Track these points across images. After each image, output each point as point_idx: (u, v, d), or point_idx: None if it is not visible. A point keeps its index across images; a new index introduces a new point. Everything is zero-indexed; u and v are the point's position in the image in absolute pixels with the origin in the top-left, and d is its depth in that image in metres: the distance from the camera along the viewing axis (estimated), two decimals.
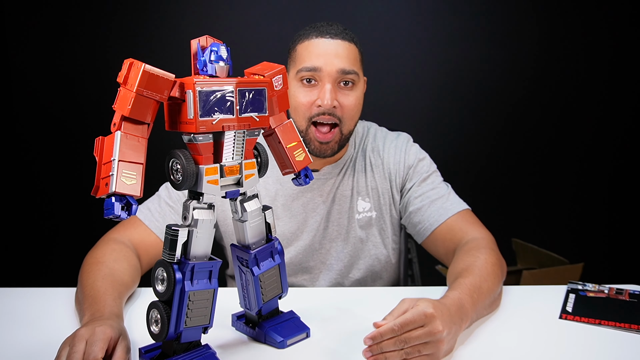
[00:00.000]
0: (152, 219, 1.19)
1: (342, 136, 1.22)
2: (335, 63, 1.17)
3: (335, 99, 1.17)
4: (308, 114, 1.19)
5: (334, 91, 1.17)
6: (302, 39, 1.21)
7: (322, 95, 1.17)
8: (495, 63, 2.51)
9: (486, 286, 1.02)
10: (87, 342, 0.80)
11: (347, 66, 1.17)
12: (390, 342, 0.81)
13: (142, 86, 0.73)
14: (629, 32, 2.46)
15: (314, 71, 1.17)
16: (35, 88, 2.50)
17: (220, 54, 0.80)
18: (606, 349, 0.93)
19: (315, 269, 1.32)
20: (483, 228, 1.23)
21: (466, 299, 0.95)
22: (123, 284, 1.04)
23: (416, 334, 0.82)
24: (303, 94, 1.19)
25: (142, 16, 2.45)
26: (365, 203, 1.31)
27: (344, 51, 1.18)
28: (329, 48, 1.17)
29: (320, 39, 1.18)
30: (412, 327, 0.82)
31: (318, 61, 1.17)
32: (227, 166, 0.82)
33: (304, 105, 1.18)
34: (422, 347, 0.82)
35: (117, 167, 0.71)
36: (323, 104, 1.16)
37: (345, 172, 1.31)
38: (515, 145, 2.59)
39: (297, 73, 1.19)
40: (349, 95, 1.20)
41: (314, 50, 1.18)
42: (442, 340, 0.83)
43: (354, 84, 1.20)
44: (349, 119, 1.21)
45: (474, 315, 0.97)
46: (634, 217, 2.62)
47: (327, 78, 1.17)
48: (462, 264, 1.08)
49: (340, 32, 1.19)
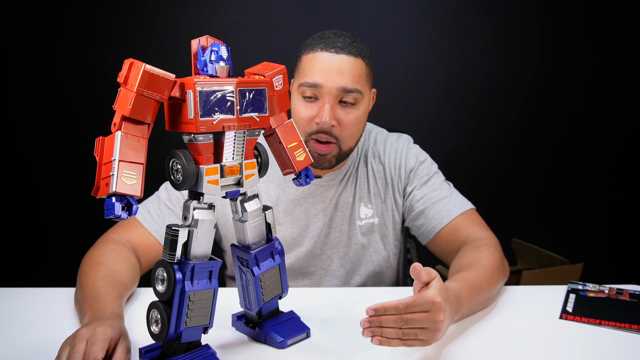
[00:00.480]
0: (151, 221, 1.19)
1: (341, 152, 1.20)
2: (337, 80, 1.13)
3: (334, 117, 1.15)
4: (307, 130, 1.17)
5: (333, 110, 1.14)
6: (308, 50, 1.18)
7: (320, 114, 1.14)
8: (495, 63, 2.50)
9: (485, 286, 1.03)
10: (88, 342, 0.80)
11: (349, 84, 1.14)
12: (391, 319, 0.82)
13: (143, 86, 0.73)
14: (631, 32, 2.46)
15: (314, 87, 1.14)
16: (35, 88, 2.50)
17: (221, 54, 0.80)
18: (606, 349, 0.93)
19: (316, 275, 1.32)
20: (488, 229, 1.23)
21: (464, 293, 0.97)
22: (123, 284, 1.04)
23: (419, 318, 0.83)
24: (303, 108, 1.17)
25: (142, 16, 2.45)
26: (368, 209, 1.31)
27: (348, 67, 1.14)
28: (332, 64, 1.14)
29: (325, 53, 1.14)
30: (417, 310, 0.83)
31: (320, 77, 1.14)
32: (228, 166, 0.82)
33: (303, 120, 1.17)
34: (419, 331, 0.83)
35: (117, 168, 0.71)
36: (321, 121, 1.14)
37: (348, 178, 1.30)
38: (515, 145, 2.59)
39: (298, 87, 1.17)
40: (350, 113, 1.17)
41: (316, 65, 1.15)
42: (440, 329, 0.85)
43: (355, 103, 1.17)
44: (348, 137, 1.19)
45: (465, 311, 0.99)
46: (634, 217, 2.62)
47: (327, 96, 1.14)
48: (467, 259, 1.09)
49: (347, 46, 1.15)
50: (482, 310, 1.06)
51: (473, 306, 1.01)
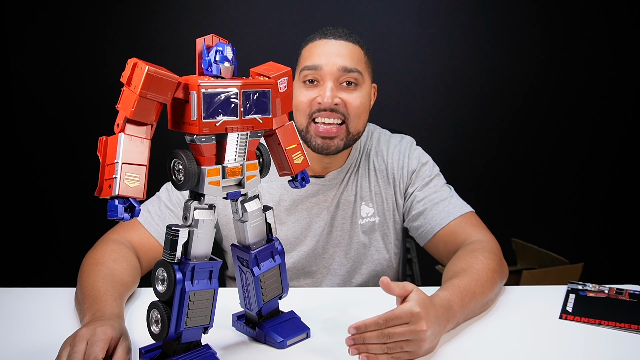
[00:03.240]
0: (151, 222, 1.19)
1: (350, 135, 1.20)
2: (336, 61, 1.16)
3: (336, 96, 1.16)
4: (308, 111, 1.18)
5: (335, 89, 1.16)
6: (307, 42, 1.22)
7: (322, 92, 1.16)
8: (495, 64, 2.50)
9: (480, 291, 1.02)
10: (88, 342, 0.80)
11: (349, 64, 1.17)
12: (374, 335, 0.83)
13: (146, 88, 0.73)
14: (631, 31, 2.46)
15: (315, 69, 1.16)
16: (35, 88, 2.50)
17: (226, 55, 0.79)
18: (606, 349, 0.93)
19: (318, 274, 1.32)
20: (487, 231, 1.22)
21: (455, 301, 0.96)
22: (123, 284, 1.04)
23: (400, 331, 0.83)
24: (304, 93, 1.18)
25: (143, 15, 2.44)
26: (369, 208, 1.31)
27: (347, 50, 1.18)
28: (331, 47, 1.18)
29: (323, 40, 1.19)
30: (397, 323, 0.83)
31: (319, 60, 1.17)
32: (229, 167, 0.82)
33: (304, 104, 1.18)
34: (404, 343, 0.84)
35: (120, 170, 0.71)
36: (323, 101, 1.15)
37: (350, 177, 1.30)
38: (515, 145, 2.59)
39: (299, 73, 1.19)
40: (353, 93, 1.18)
41: (315, 51, 1.18)
42: (424, 339, 0.85)
43: (357, 84, 1.19)
44: (355, 117, 1.19)
45: (460, 318, 0.98)
46: (634, 217, 2.62)
47: (329, 76, 1.16)
48: (460, 264, 1.08)
49: (344, 35, 1.20)
50: (481, 313, 1.06)
51: (468, 312, 1.00)
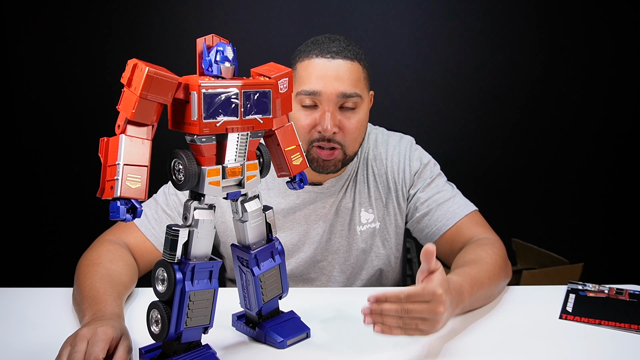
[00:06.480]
0: (148, 226, 1.18)
1: (346, 157, 1.19)
2: (335, 86, 1.11)
3: (335, 124, 1.13)
4: (309, 138, 1.15)
5: (334, 116, 1.13)
6: (303, 57, 1.15)
7: (322, 122, 1.13)
8: (496, 64, 2.50)
9: (487, 282, 1.05)
10: (89, 342, 0.80)
11: (349, 89, 1.13)
12: (392, 308, 0.83)
13: (146, 90, 0.73)
14: (632, 31, 2.46)
15: (313, 95, 1.12)
16: (35, 88, 2.50)
17: (226, 55, 0.79)
18: (606, 349, 0.93)
19: (317, 281, 1.31)
20: (491, 231, 1.23)
21: (466, 287, 0.98)
22: (121, 283, 1.04)
23: (419, 308, 0.84)
24: (304, 116, 1.15)
25: (144, 14, 2.44)
26: (369, 214, 1.29)
27: (345, 72, 1.13)
28: (329, 70, 1.12)
29: (321, 59, 1.12)
30: (418, 300, 0.84)
31: (317, 85, 1.12)
32: (230, 168, 0.82)
33: (304, 129, 1.15)
34: (420, 321, 0.84)
35: (122, 172, 0.71)
36: (323, 130, 1.13)
37: (348, 184, 1.28)
38: (515, 145, 2.59)
39: (296, 95, 1.14)
40: (351, 118, 1.15)
41: (313, 72, 1.13)
42: (439, 321, 0.86)
43: (356, 106, 1.16)
44: (352, 142, 1.18)
45: (467, 304, 1.00)
46: (634, 217, 2.62)
47: (327, 102, 1.12)
48: (470, 255, 1.10)
49: (342, 50, 1.13)
50: (483, 306, 1.07)
51: (474, 301, 1.02)
